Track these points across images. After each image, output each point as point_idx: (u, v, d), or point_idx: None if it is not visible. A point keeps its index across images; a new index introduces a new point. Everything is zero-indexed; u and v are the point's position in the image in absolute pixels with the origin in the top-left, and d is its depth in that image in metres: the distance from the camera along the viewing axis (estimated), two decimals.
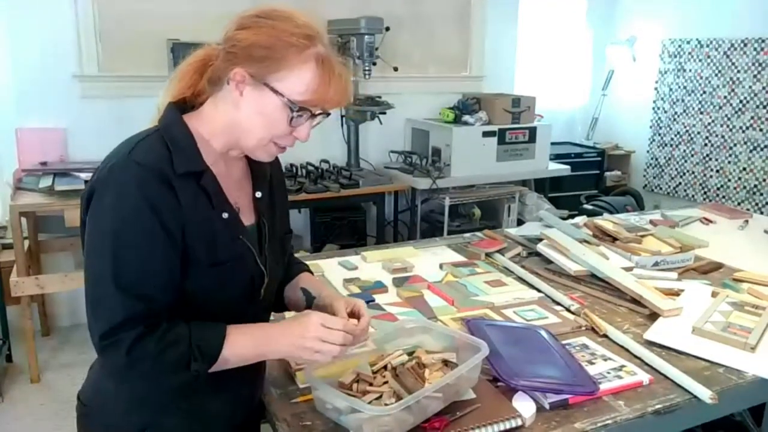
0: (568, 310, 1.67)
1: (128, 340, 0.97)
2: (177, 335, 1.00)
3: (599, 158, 5.00)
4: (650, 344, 1.47)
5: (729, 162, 4.62)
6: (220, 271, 1.07)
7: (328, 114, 1.10)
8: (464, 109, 4.10)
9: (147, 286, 1.00)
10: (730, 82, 4.53)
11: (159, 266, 1.01)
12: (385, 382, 1.16)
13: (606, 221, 2.26)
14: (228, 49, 1.05)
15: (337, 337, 1.06)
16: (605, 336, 1.52)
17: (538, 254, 2.05)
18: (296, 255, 1.51)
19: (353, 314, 1.17)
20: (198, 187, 1.06)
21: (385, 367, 1.20)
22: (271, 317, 1.29)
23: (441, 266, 2.00)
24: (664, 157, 5.06)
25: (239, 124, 1.07)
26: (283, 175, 1.35)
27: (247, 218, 1.16)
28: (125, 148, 1.04)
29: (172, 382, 1.07)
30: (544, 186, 4.46)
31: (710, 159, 4.74)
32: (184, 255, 1.03)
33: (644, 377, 1.32)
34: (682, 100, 4.87)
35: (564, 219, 2.37)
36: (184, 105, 1.13)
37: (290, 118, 1.05)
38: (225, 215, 1.09)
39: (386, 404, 1.09)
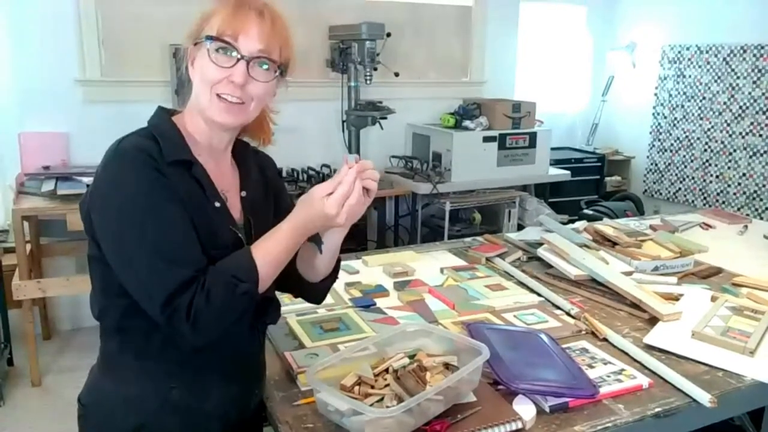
0: (568, 314, 1.68)
1: (184, 305, 0.99)
2: (210, 278, 1.01)
3: (599, 163, 5.01)
4: (650, 348, 1.48)
5: (728, 167, 4.63)
6: (216, 259, 1.07)
7: (280, 68, 1.09)
8: (465, 114, 4.11)
9: (186, 250, 1.02)
10: (730, 88, 4.55)
11: (189, 230, 1.03)
12: (387, 385, 1.17)
13: (606, 226, 2.27)
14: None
15: (355, 198, 1.06)
16: (605, 340, 1.52)
17: (539, 259, 2.05)
18: None
19: None
20: (189, 175, 1.08)
21: (386, 370, 1.20)
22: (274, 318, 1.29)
23: (442, 270, 2.01)
24: (664, 163, 5.07)
25: (196, 93, 1.09)
26: (282, 182, 1.35)
27: (235, 215, 1.17)
28: (112, 145, 1.06)
29: (237, 318, 1.06)
30: (544, 191, 4.47)
31: (710, 164, 4.75)
32: None
33: (644, 381, 1.32)
34: (682, 106, 4.88)
35: (564, 224, 2.37)
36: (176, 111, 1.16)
37: (207, 51, 1.05)
38: (217, 204, 1.11)
39: (388, 407, 1.10)
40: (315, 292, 1.31)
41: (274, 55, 1.08)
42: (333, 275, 1.28)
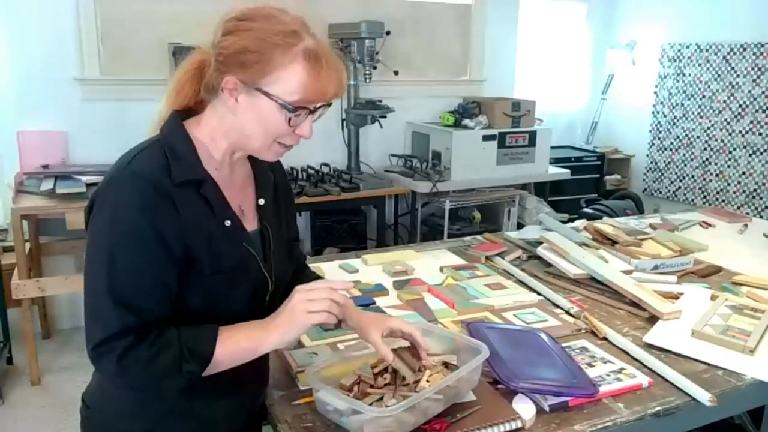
0: (567, 313, 1.67)
1: (120, 348, 0.97)
2: (167, 340, 1.00)
3: (599, 162, 5.01)
4: (649, 347, 1.47)
5: (728, 166, 4.63)
6: (224, 279, 1.07)
7: (329, 104, 1.08)
8: (464, 112, 4.11)
9: (141, 299, 0.99)
10: (730, 87, 4.55)
11: (154, 281, 1.00)
12: (386, 384, 1.17)
13: (606, 225, 2.27)
14: (216, 58, 1.03)
15: (322, 296, 1.07)
16: (605, 339, 1.52)
17: (538, 257, 2.05)
18: None
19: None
20: (198, 195, 1.05)
21: (385, 369, 1.20)
22: None
23: (441, 269, 2.01)
24: (664, 161, 5.07)
25: (239, 129, 1.06)
26: (288, 182, 1.34)
27: (251, 224, 1.15)
28: (125, 159, 1.04)
29: (165, 387, 1.06)
30: (544, 190, 4.47)
31: (710, 163, 4.75)
32: (186, 265, 1.03)
33: (644, 380, 1.32)
34: (682, 104, 4.88)
35: (564, 222, 2.37)
36: (187, 111, 1.12)
37: (288, 118, 1.03)
38: (228, 223, 1.08)
39: (387, 406, 1.09)
40: None
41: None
42: None
